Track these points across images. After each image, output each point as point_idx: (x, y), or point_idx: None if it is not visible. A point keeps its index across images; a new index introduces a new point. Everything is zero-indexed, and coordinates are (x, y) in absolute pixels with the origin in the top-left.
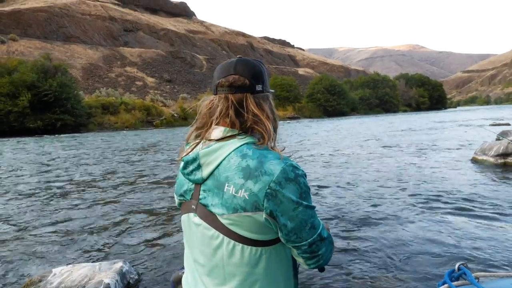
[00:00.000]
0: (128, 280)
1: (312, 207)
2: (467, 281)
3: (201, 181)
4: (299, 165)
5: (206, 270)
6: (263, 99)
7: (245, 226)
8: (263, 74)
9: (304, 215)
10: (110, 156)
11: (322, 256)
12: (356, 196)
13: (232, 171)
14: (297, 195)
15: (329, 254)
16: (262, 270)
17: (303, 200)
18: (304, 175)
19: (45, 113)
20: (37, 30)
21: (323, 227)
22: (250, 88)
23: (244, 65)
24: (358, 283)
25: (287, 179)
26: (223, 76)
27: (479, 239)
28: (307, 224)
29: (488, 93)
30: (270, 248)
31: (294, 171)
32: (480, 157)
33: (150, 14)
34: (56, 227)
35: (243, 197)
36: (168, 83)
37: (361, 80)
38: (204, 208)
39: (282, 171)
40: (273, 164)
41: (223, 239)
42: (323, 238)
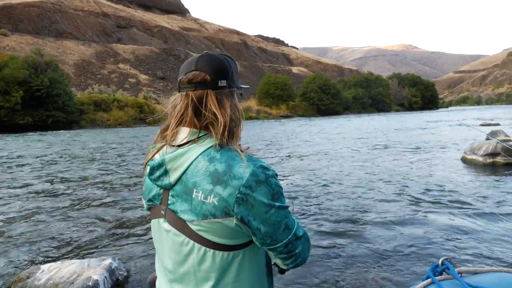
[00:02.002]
0: (117, 277)
1: (285, 207)
2: (450, 275)
3: (169, 187)
4: (269, 165)
5: (177, 276)
6: (226, 96)
7: (216, 232)
8: (228, 69)
9: (277, 217)
10: (101, 154)
11: (299, 255)
12: (345, 194)
13: (200, 176)
14: (268, 197)
15: (306, 252)
16: (234, 273)
17: (275, 202)
18: (275, 175)
19: (36, 109)
20: (29, 26)
21: (297, 225)
22: (211, 84)
23: (206, 60)
24: (343, 280)
25: (258, 182)
26: (185, 72)
27: (465, 235)
28: (281, 225)
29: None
30: (242, 251)
31: (264, 173)
32: (469, 156)
33: (144, 10)
34: (44, 224)
35: (212, 203)
36: (162, 80)
37: (355, 79)
38: (173, 214)
39: (252, 174)
40: (242, 167)
41: (193, 246)
42: (299, 237)
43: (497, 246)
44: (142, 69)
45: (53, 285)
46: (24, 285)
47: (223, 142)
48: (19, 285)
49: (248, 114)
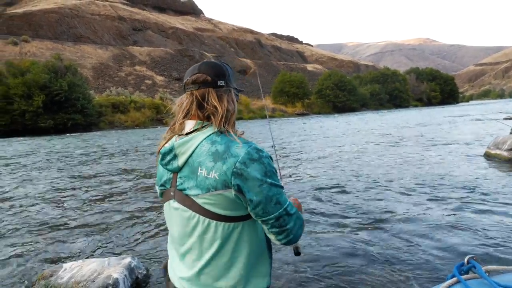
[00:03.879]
0: (136, 275)
1: (278, 185)
2: (477, 274)
3: (178, 170)
4: (264, 149)
5: (185, 248)
6: (224, 93)
7: (218, 204)
8: (225, 72)
9: (269, 191)
10: (120, 154)
11: (290, 231)
12: (367, 190)
13: (203, 156)
14: (261, 173)
15: (299, 230)
16: (234, 242)
17: (267, 178)
18: (269, 157)
19: (57, 112)
20: (49, 31)
21: (290, 204)
22: (212, 83)
23: (207, 65)
24: (365, 277)
25: (251, 159)
26: (189, 76)
27: (491, 233)
28: (272, 199)
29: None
30: (242, 223)
31: (258, 153)
32: (493, 151)
33: (158, 13)
34: (66, 224)
35: (213, 177)
36: (177, 81)
37: (371, 75)
38: (181, 193)
39: (247, 153)
40: (239, 148)
41: (199, 218)
42: (290, 213)
43: None
44: (158, 70)
45: (75, 283)
46: (48, 283)
47: (221, 128)
48: (43, 283)
49: (263, 113)
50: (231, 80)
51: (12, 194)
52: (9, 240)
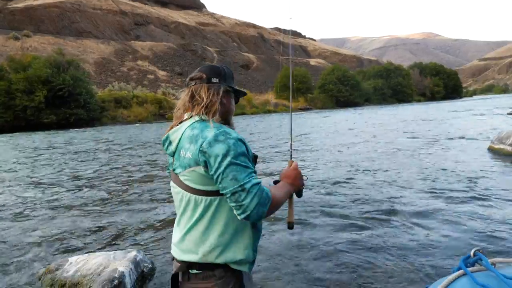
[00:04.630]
0: (142, 269)
1: (239, 164)
2: (483, 266)
3: (173, 154)
4: (234, 133)
5: (177, 220)
6: (215, 89)
7: (194, 179)
8: (221, 71)
9: (226, 168)
10: (123, 149)
11: (247, 207)
12: (372, 185)
13: (185, 140)
14: (223, 152)
15: (257, 208)
16: (211, 215)
17: (228, 156)
18: (237, 139)
19: (60, 108)
20: (50, 26)
21: (249, 182)
22: (206, 80)
23: (207, 67)
24: (372, 271)
25: (216, 140)
26: (191, 75)
27: (496, 226)
28: (228, 175)
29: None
30: (218, 197)
31: (224, 135)
32: (497, 146)
33: (160, 7)
34: (72, 218)
35: (188, 156)
36: (180, 76)
37: (374, 70)
38: (173, 173)
39: (214, 135)
40: (209, 131)
41: (183, 194)
42: (246, 189)
43: None
44: (160, 65)
45: (80, 276)
46: (54, 276)
47: (202, 116)
48: (49, 277)
49: (266, 108)
50: (226, 80)
51: (16, 188)
52: (14, 235)
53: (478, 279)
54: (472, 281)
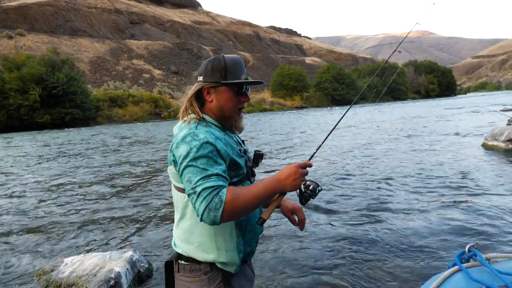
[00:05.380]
0: (138, 269)
1: (196, 166)
2: (478, 262)
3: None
4: (204, 135)
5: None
6: (195, 87)
7: (173, 177)
8: (206, 67)
9: (184, 169)
10: (119, 149)
11: (198, 210)
12: (365, 183)
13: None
14: (184, 153)
15: (207, 213)
16: (191, 212)
17: (187, 158)
18: (204, 142)
19: (54, 107)
20: (44, 25)
21: (201, 185)
22: (196, 79)
23: (202, 63)
24: (368, 269)
25: (183, 141)
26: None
27: (489, 222)
28: (185, 177)
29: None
30: None
31: (191, 136)
32: (490, 142)
33: (156, 5)
34: (66, 219)
35: (168, 155)
36: (175, 75)
37: (369, 68)
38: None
39: (183, 136)
40: (182, 132)
41: (172, 189)
42: (196, 192)
43: None
44: (156, 64)
45: (76, 277)
46: (49, 277)
47: (185, 118)
48: (44, 278)
49: (262, 106)
50: (213, 74)
51: (12, 189)
52: (9, 235)
53: (472, 274)
54: (467, 276)
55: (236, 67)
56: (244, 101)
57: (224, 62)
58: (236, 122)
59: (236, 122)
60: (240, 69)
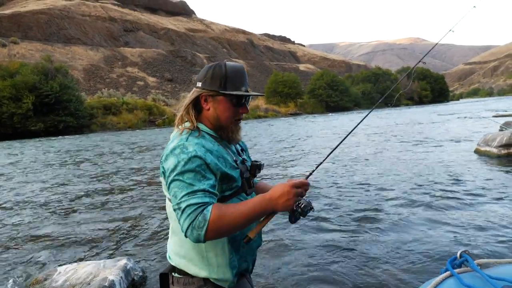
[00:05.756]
0: (132, 277)
1: (182, 181)
2: (469, 267)
3: None
4: (193, 147)
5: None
6: (192, 94)
7: (165, 188)
8: (206, 74)
9: (171, 183)
10: (112, 157)
11: (182, 227)
12: (358, 189)
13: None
14: (171, 166)
15: (190, 231)
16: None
17: (174, 171)
18: (193, 155)
19: (48, 115)
20: (38, 33)
21: (186, 201)
22: (195, 85)
23: (203, 68)
24: (361, 275)
25: (172, 153)
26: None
27: (482, 228)
28: (171, 191)
29: (491, 85)
30: None
31: (180, 149)
32: (483, 148)
33: (150, 13)
34: (60, 227)
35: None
36: (169, 82)
37: (363, 74)
38: None
39: (172, 148)
40: (172, 143)
41: (166, 200)
42: (181, 209)
43: None
44: (150, 71)
45: (70, 286)
46: (42, 287)
47: (179, 127)
48: (37, 287)
49: (256, 113)
50: (212, 82)
51: (4, 198)
52: (1, 245)
53: (464, 280)
54: (459, 282)
55: (237, 77)
56: (242, 113)
57: (225, 70)
58: (232, 133)
59: (233, 133)
60: (241, 79)
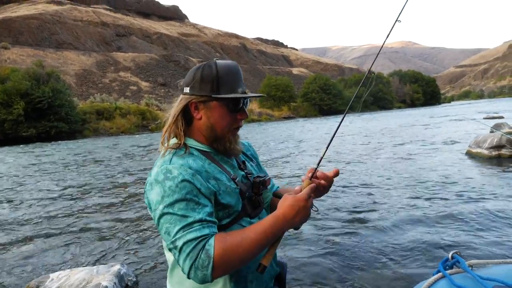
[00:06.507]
0: (126, 283)
1: (173, 213)
2: (461, 268)
3: None
4: (178, 170)
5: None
6: (180, 100)
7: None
8: (194, 77)
9: (160, 218)
10: (106, 162)
11: (183, 269)
12: (351, 191)
13: None
14: (157, 198)
15: (194, 272)
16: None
17: (162, 203)
18: (177, 180)
19: (39, 120)
20: (29, 38)
21: (182, 238)
22: (181, 90)
23: (189, 71)
24: (353, 277)
25: (156, 181)
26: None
27: (474, 229)
28: (162, 228)
29: (481, 87)
30: None
31: (164, 174)
32: (474, 150)
33: (143, 18)
34: (52, 233)
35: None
36: (163, 86)
37: (355, 78)
38: None
39: (155, 174)
40: (155, 167)
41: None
42: (177, 247)
43: (507, 238)
44: (143, 76)
45: None
46: None
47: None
48: None
49: (250, 117)
50: (201, 86)
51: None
52: None
53: (456, 281)
54: (450, 283)
55: (231, 77)
56: (241, 118)
57: (216, 70)
58: (231, 144)
59: (231, 144)
60: (236, 79)
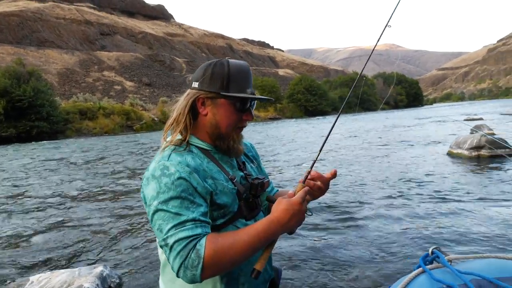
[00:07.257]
0: (109, 284)
1: (167, 210)
2: (441, 263)
3: None
4: (175, 168)
5: None
6: (187, 95)
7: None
8: (204, 72)
9: (154, 214)
10: (88, 163)
11: (173, 267)
12: (334, 190)
13: None
14: (152, 193)
15: (183, 271)
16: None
17: (156, 199)
18: (174, 177)
19: (20, 120)
20: (9, 35)
21: (173, 236)
22: (191, 85)
23: (201, 65)
24: (335, 274)
25: (152, 177)
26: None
27: (453, 226)
28: (155, 224)
29: (462, 90)
30: None
31: (161, 170)
32: (455, 150)
33: (127, 17)
34: (33, 235)
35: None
36: (148, 86)
37: (340, 79)
38: None
39: (152, 169)
40: (153, 162)
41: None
42: (168, 245)
43: (485, 234)
44: (128, 76)
45: None
46: None
47: (164, 138)
48: None
49: None
50: (211, 82)
51: None
52: None
53: (435, 275)
54: (430, 277)
55: (241, 77)
56: (246, 119)
57: (228, 68)
58: (234, 143)
59: (234, 143)
60: (247, 79)
